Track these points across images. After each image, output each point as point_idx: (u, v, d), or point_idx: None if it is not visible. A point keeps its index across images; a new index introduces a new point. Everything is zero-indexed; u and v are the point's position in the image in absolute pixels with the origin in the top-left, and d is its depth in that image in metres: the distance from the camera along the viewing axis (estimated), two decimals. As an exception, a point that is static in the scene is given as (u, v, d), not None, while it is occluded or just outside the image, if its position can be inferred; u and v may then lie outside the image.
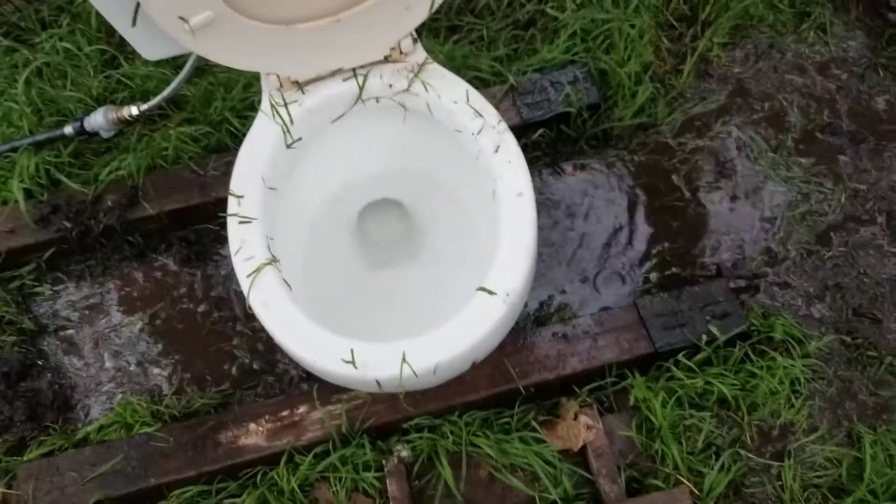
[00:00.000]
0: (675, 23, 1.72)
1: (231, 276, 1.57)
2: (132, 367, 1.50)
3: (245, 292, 1.03)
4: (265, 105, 1.15)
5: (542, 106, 1.58)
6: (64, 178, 1.58)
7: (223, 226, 1.60)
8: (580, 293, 1.50)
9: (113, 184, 1.57)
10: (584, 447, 1.32)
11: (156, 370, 1.50)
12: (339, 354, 0.98)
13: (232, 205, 1.09)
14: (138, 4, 1.04)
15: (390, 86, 1.16)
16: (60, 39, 1.75)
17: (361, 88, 1.15)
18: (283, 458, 1.33)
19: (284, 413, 1.36)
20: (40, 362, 1.51)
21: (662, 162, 1.61)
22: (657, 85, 1.63)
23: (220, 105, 1.63)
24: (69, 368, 1.51)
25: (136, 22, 1.08)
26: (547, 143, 1.62)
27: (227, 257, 1.60)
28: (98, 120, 1.53)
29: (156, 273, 1.59)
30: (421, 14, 1.10)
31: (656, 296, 1.41)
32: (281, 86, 1.14)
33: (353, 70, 1.16)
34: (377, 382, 0.98)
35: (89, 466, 1.34)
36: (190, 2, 0.98)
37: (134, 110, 1.52)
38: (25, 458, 1.38)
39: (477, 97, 1.13)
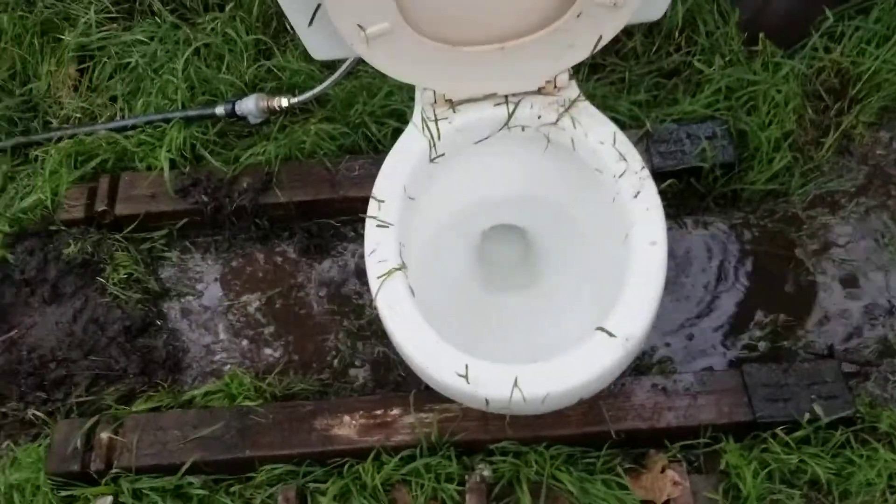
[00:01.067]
0: (823, 93, 1.69)
1: (345, 273, 1.63)
2: (243, 343, 1.58)
3: (373, 292, 1.08)
4: (416, 118, 1.20)
5: (675, 156, 1.58)
6: (207, 155, 1.67)
7: (345, 223, 1.69)
8: (684, 349, 1.50)
9: (250, 167, 1.66)
10: (666, 502, 1.31)
11: (264, 349, 1.56)
12: (454, 367, 1.01)
13: (372, 208, 1.13)
14: (319, 5, 1.10)
15: (539, 117, 1.19)
16: (222, 24, 1.86)
17: (510, 115, 1.19)
18: (371, 455, 1.37)
19: (378, 412, 1.40)
20: (159, 322, 1.60)
21: (789, 232, 1.59)
22: (796, 154, 1.61)
23: (360, 108, 1.70)
24: (184, 333, 1.60)
25: (313, 22, 1.14)
26: (674, 194, 1.62)
27: (344, 253, 1.66)
28: (249, 106, 1.61)
29: (276, 258, 1.66)
30: (582, 53, 1.13)
31: (764, 365, 1.39)
32: (435, 101, 1.19)
33: (506, 97, 1.19)
34: (486, 401, 1.01)
35: (191, 427, 1.41)
36: (370, 11, 1.03)
37: (284, 102, 1.60)
38: (134, 410, 1.46)
39: (624, 141, 1.15)
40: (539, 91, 1.20)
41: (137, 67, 1.83)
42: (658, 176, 1.58)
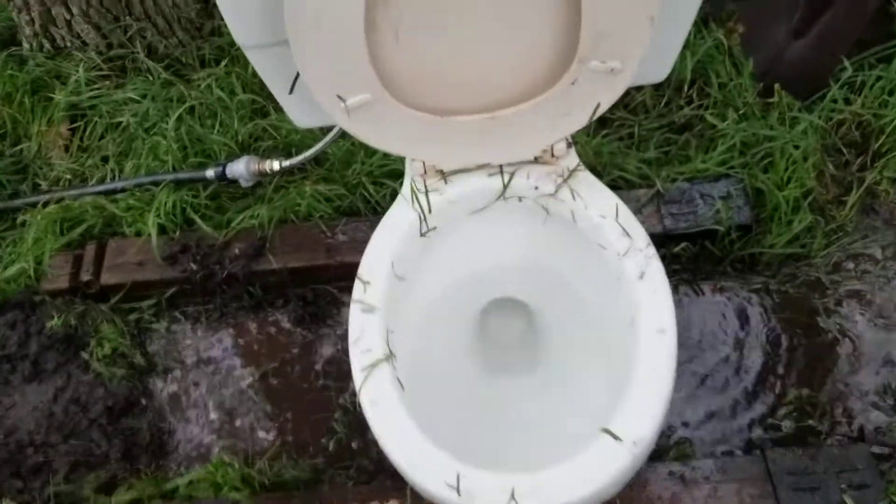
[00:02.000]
0: (843, 148, 1.60)
1: (342, 343, 1.54)
2: (233, 423, 1.48)
3: (357, 386, 0.99)
4: (405, 189, 1.12)
5: (688, 218, 1.49)
6: (198, 220, 1.60)
7: (342, 289, 1.60)
8: (703, 429, 1.39)
9: (243, 232, 1.58)
10: None
11: (255, 430, 1.47)
12: (444, 476, 0.91)
13: (357, 290, 1.05)
14: (298, 75, 1.03)
15: (536, 188, 1.10)
16: (217, 80, 1.80)
17: (506, 187, 1.10)
18: (365, 552, 1.27)
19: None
20: (144, 401, 1.52)
21: (811, 299, 1.49)
22: (817, 217, 1.51)
23: (358, 168, 1.62)
24: (171, 412, 1.51)
25: (293, 90, 1.07)
26: (688, 258, 1.52)
27: (341, 323, 1.57)
28: (240, 169, 1.54)
29: (269, 328, 1.58)
30: (580, 121, 1.04)
31: (789, 450, 1.28)
32: (425, 172, 1.11)
33: (501, 167, 1.11)
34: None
35: (173, 523, 1.32)
36: (349, 83, 0.95)
37: (276, 165, 1.53)
38: (114, 501, 1.37)
39: (627, 214, 1.06)
40: (536, 160, 1.11)
41: (129, 127, 1.77)
42: (671, 239, 1.50)
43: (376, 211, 1.58)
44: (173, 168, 1.66)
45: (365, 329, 1.02)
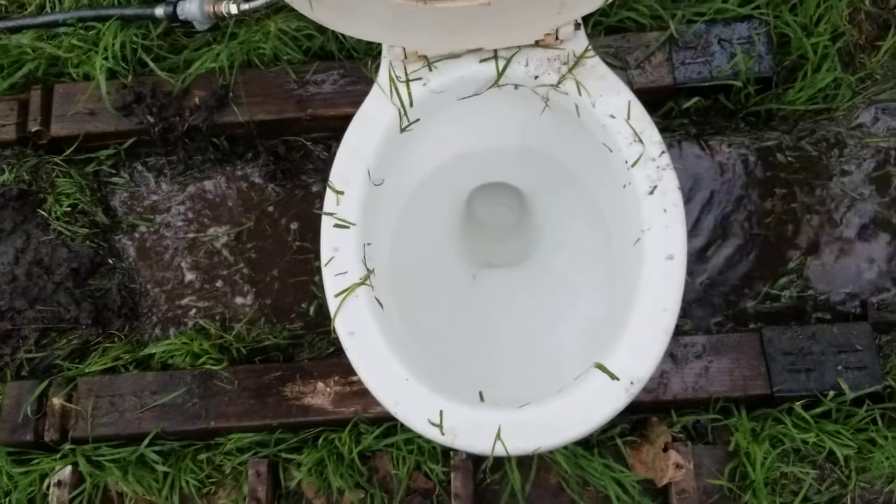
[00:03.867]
0: (885, -21, 1.40)
1: (318, 202, 1.44)
2: (207, 284, 1.41)
3: (332, 313, 0.90)
4: (382, 78, 0.96)
5: (701, 70, 1.33)
6: (150, 63, 1.42)
7: (316, 141, 1.47)
8: (698, 297, 1.33)
9: (202, 78, 1.41)
10: (667, 485, 1.21)
11: (230, 293, 1.40)
12: (427, 413, 0.86)
13: (329, 202, 0.93)
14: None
15: (535, 77, 0.95)
16: None
17: (500, 74, 0.95)
18: (348, 427, 1.26)
19: (355, 378, 1.26)
20: (111, 261, 1.44)
21: (828, 157, 1.37)
22: (845, 60, 1.35)
23: (331, 0, 1.41)
24: (140, 273, 1.43)
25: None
26: (697, 111, 1.38)
27: (316, 180, 1.45)
28: (192, 9, 1.34)
29: (240, 183, 1.46)
30: (591, 3, 0.87)
31: (787, 329, 1.24)
32: (406, 58, 0.94)
33: (495, 51, 0.95)
34: (465, 453, 0.86)
35: (150, 394, 1.29)
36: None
37: (233, 8, 1.33)
38: (88, 368, 1.33)
39: (640, 114, 0.92)
40: (537, 44, 0.94)
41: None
42: (682, 91, 1.35)
43: (351, 56, 1.40)
44: (119, 2, 1.45)
45: (339, 248, 0.92)
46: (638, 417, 1.28)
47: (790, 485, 1.23)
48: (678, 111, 1.37)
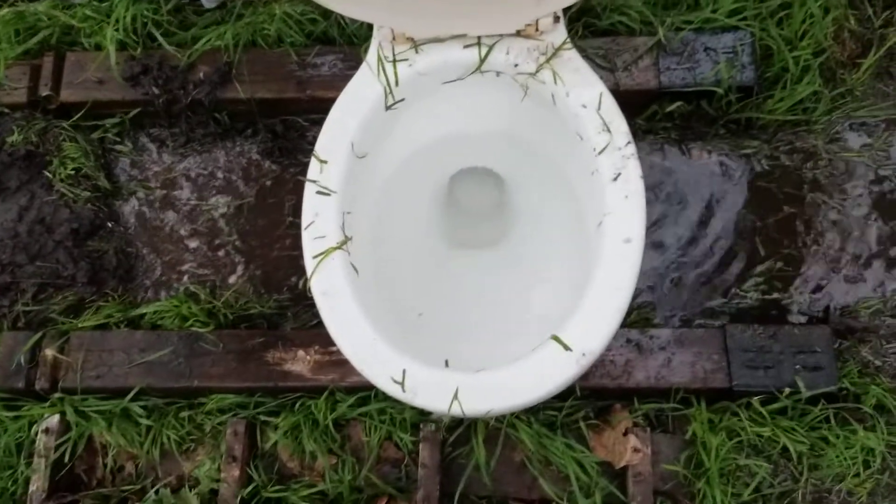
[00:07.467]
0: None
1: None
2: (201, 253, 1.47)
3: (308, 273, 0.96)
4: (371, 57, 1.02)
5: (686, 76, 1.38)
6: (159, 37, 1.48)
7: (314, 122, 1.53)
8: (667, 294, 1.38)
9: (207, 54, 1.48)
10: (625, 467, 1.26)
11: (223, 262, 1.46)
12: (390, 371, 0.92)
13: (313, 170, 0.99)
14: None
15: (515, 65, 1.01)
16: None
17: (482, 60, 1.01)
18: (325, 394, 1.31)
19: (334, 348, 1.31)
20: (110, 224, 1.50)
21: (803, 169, 1.42)
22: (826, 75, 1.40)
23: (336, -13, 1.48)
24: (137, 237, 1.49)
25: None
26: (680, 115, 1.44)
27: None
28: (202, -14, 1.40)
29: (238, 159, 1.52)
30: (568, -2, 0.93)
31: (750, 327, 1.29)
32: (394, 39, 1.00)
33: (479, 38, 1.00)
34: (422, 411, 0.92)
35: (138, 351, 1.35)
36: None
37: (241, -13, 1.39)
38: (81, 324, 1.39)
39: (610, 106, 0.97)
40: (518, 33, 1.00)
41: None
42: (665, 95, 1.40)
43: (351, 41, 1.46)
44: (133, -26, 1.51)
45: (319, 213, 0.97)
46: (602, 404, 1.33)
47: (744, 477, 1.28)
48: (662, 114, 1.42)
